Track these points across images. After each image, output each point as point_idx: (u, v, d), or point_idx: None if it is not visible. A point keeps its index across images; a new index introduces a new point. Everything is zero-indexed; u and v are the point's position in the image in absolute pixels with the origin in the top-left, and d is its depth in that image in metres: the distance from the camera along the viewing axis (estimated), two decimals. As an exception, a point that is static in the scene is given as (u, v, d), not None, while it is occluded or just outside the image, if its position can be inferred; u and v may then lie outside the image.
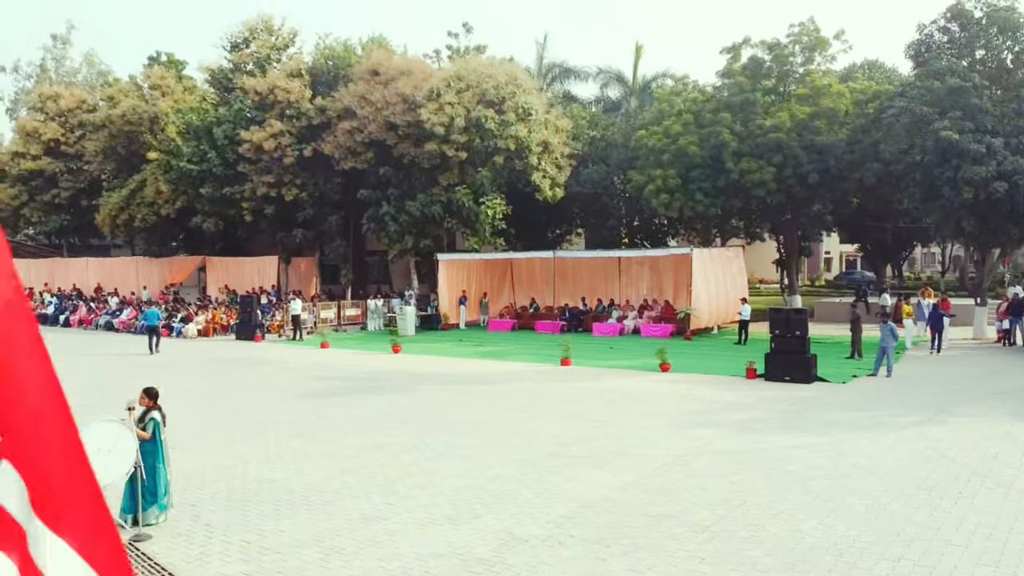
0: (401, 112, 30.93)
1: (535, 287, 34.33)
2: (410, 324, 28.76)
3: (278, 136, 33.55)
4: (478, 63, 32.83)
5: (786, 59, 27.74)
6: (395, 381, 17.60)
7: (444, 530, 7.77)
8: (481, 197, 32.11)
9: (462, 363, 20.85)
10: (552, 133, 32.46)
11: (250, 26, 38.89)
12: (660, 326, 27.09)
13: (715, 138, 26.95)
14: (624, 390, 16.11)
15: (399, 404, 14.82)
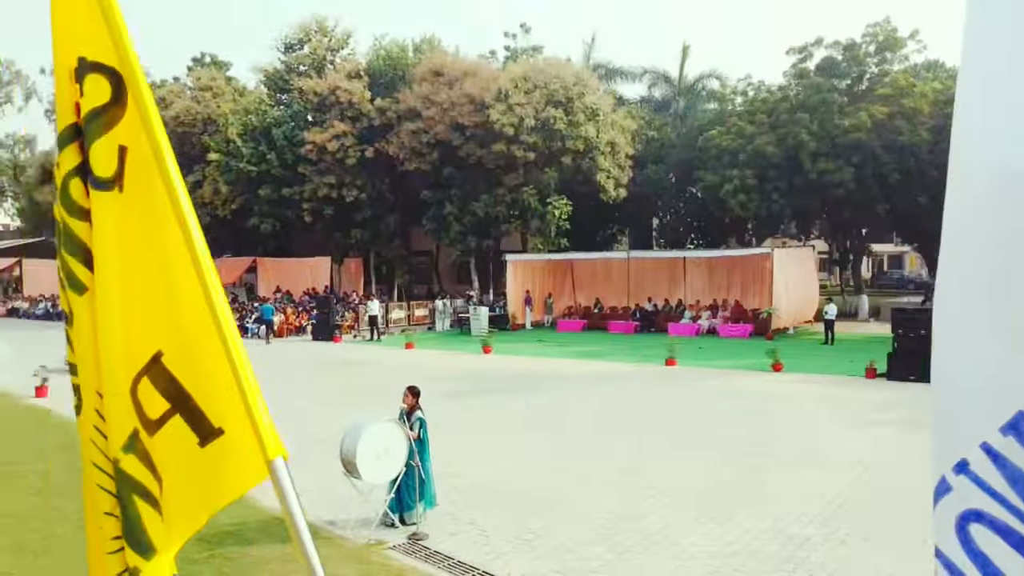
0: (468, 113, 30.99)
1: (596, 287, 34.30)
2: (483, 324, 28.77)
3: (341, 137, 33.60)
4: (544, 63, 32.89)
5: (862, 59, 27.75)
6: (519, 382, 17.62)
7: (713, 528, 7.78)
8: (547, 198, 32.15)
9: (565, 363, 20.85)
10: (619, 133, 32.49)
11: (304, 27, 38.99)
12: (739, 326, 27.10)
13: (792, 138, 26.96)
14: (755, 390, 16.11)
15: (543, 404, 14.83)
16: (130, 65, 1.75)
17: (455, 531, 7.87)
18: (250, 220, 37.22)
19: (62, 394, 16.13)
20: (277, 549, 7.34)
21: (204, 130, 39.90)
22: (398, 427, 7.91)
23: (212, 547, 7.39)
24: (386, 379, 18.50)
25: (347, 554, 7.24)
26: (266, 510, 8.57)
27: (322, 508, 8.67)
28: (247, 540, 7.60)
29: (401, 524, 7.92)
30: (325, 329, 27.37)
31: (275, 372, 19.91)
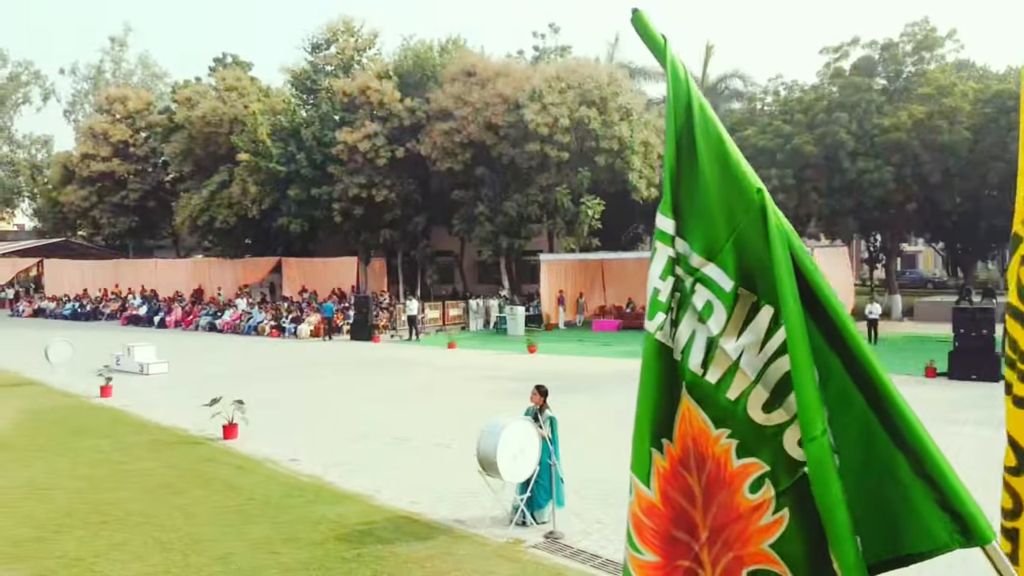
0: (502, 113, 30.98)
1: (626, 287, 34.33)
2: (520, 324, 28.80)
3: (372, 137, 33.59)
4: (576, 63, 32.89)
5: (901, 58, 27.77)
6: (586, 381, 17.64)
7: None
8: (580, 197, 32.16)
9: (620, 363, 20.83)
10: (652, 133, 32.52)
11: (331, 27, 39.01)
12: (778, 325, 27.10)
13: (831, 137, 26.96)
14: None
15: (624, 402, 14.87)
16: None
17: (586, 529, 7.90)
18: (278, 220, 37.20)
19: (124, 393, 16.17)
20: (419, 548, 7.37)
21: (231, 130, 39.88)
22: (533, 427, 7.93)
23: (355, 546, 7.42)
24: (447, 379, 18.58)
25: (492, 553, 7.27)
26: (387, 508, 8.62)
27: (442, 507, 8.71)
28: (385, 539, 7.63)
29: (532, 523, 7.93)
30: (363, 329, 27.38)
31: (339, 372, 19.97)
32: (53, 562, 7.15)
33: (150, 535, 7.82)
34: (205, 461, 10.77)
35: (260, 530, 7.92)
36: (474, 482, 9.54)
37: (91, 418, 14.00)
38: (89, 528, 8.05)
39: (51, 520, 8.32)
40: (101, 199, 46.08)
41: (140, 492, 9.31)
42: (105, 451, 11.41)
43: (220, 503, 8.82)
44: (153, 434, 12.56)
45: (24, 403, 15.54)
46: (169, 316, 33.92)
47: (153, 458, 10.96)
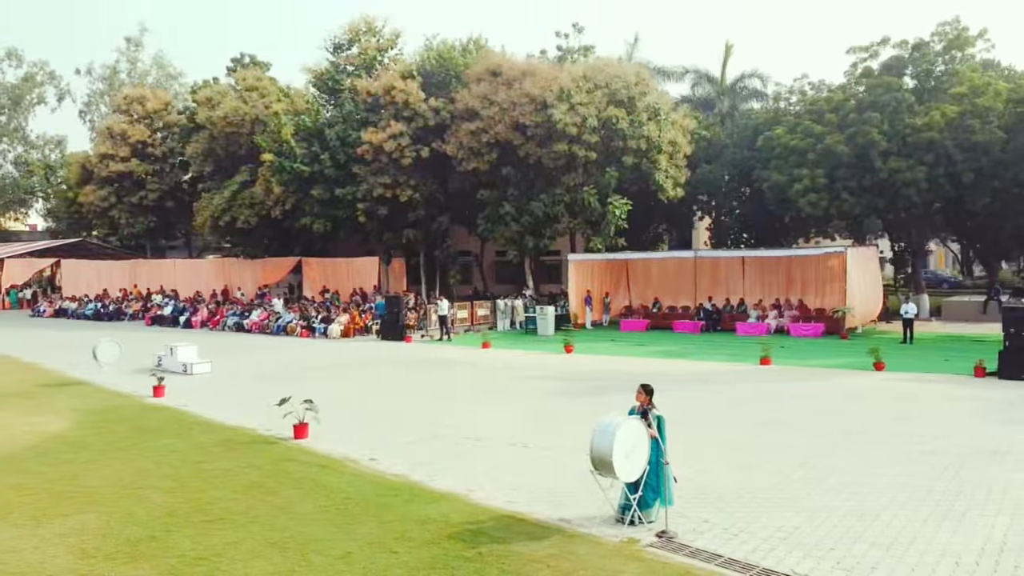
0: (530, 112, 30.97)
1: (651, 286, 34.33)
2: (550, 324, 28.80)
3: (397, 137, 33.58)
4: (602, 63, 32.88)
5: (933, 58, 27.78)
6: (631, 380, 17.57)
7: (955, 527, 7.80)
8: (607, 197, 32.15)
9: (659, 362, 20.86)
10: (679, 133, 32.51)
11: (353, 28, 39.01)
12: (810, 325, 27.09)
13: (863, 137, 26.96)
14: (880, 389, 16.09)
15: (676, 402, 14.85)
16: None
17: (696, 528, 7.89)
18: (300, 220, 37.20)
19: (175, 393, 16.16)
20: (536, 547, 7.36)
21: (252, 130, 39.91)
22: (643, 426, 7.94)
23: (471, 546, 7.42)
24: (494, 378, 18.58)
25: (612, 552, 7.26)
26: (488, 508, 8.62)
27: (540, 505, 8.70)
28: (499, 538, 7.62)
29: (639, 522, 7.92)
30: (394, 329, 27.37)
31: (383, 371, 19.96)
32: (175, 560, 7.15)
33: (261, 535, 7.81)
34: (285, 461, 10.76)
35: (368, 529, 7.91)
36: (565, 481, 9.62)
37: (153, 418, 13.99)
38: (197, 527, 8.05)
39: (155, 519, 8.32)
40: (120, 199, 46.10)
41: (233, 492, 9.30)
42: (180, 451, 11.41)
43: (318, 503, 8.81)
44: (222, 434, 12.56)
45: (79, 403, 15.54)
46: (195, 316, 33.87)
47: (231, 458, 10.96)
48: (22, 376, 19.63)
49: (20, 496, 9.21)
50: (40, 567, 7.08)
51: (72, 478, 9.94)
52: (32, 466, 10.61)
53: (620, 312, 33.60)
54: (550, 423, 13.20)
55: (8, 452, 11.42)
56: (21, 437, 12.37)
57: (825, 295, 30.13)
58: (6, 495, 9.28)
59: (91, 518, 8.37)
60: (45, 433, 12.69)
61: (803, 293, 30.68)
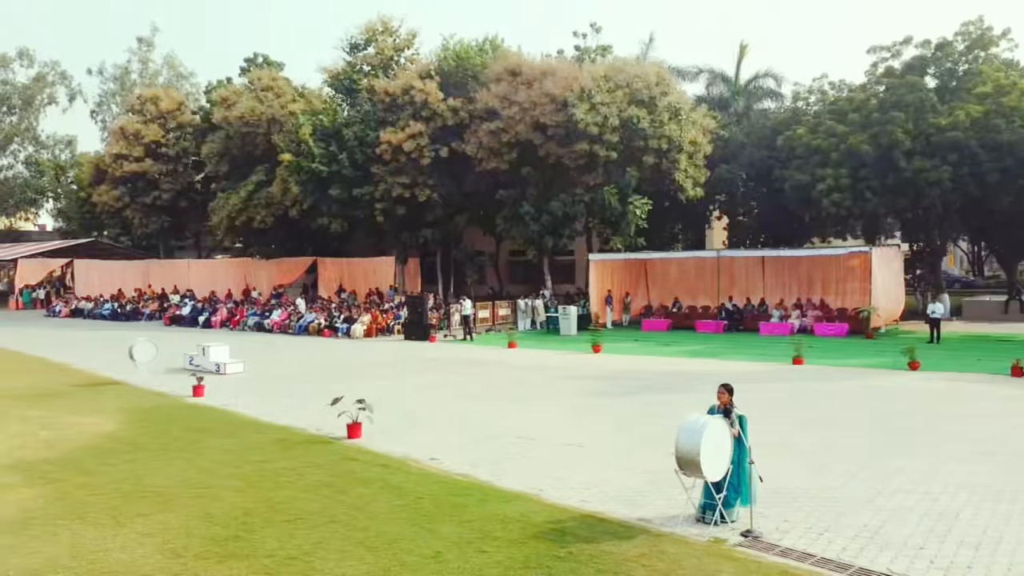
0: (551, 112, 30.95)
1: (670, 286, 34.34)
2: (573, 324, 28.81)
3: (417, 137, 33.57)
4: (624, 63, 32.90)
5: (958, 58, 27.78)
6: (669, 380, 17.66)
7: (1042, 525, 7.81)
8: (627, 197, 32.15)
9: (690, 362, 20.87)
10: (699, 132, 32.52)
11: (369, 28, 38.97)
12: (835, 325, 27.09)
13: (887, 137, 26.96)
14: (920, 389, 16.09)
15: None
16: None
17: (779, 528, 7.88)
18: (318, 220, 37.18)
19: (213, 393, 16.15)
20: (625, 547, 7.36)
21: (268, 130, 39.92)
22: (727, 425, 7.94)
23: (560, 545, 7.42)
24: (530, 378, 18.57)
25: (704, 552, 7.26)
26: (565, 507, 8.61)
27: (614, 504, 8.70)
28: (585, 538, 7.62)
29: (720, 521, 7.91)
30: (418, 329, 27.37)
31: (416, 371, 19.93)
32: (268, 560, 7.14)
33: (345, 534, 7.81)
34: (346, 460, 10.76)
35: (450, 529, 7.91)
36: (631, 480, 9.63)
37: (200, 418, 13.98)
38: (278, 527, 8.05)
39: (233, 519, 8.31)
40: (133, 199, 46.11)
41: (303, 491, 9.29)
42: (238, 451, 11.40)
43: (391, 502, 8.81)
44: (274, 434, 12.55)
45: (121, 403, 15.54)
46: (214, 316, 33.87)
47: (291, 457, 10.95)
48: (55, 376, 19.62)
49: (91, 496, 9.21)
50: (132, 566, 7.08)
51: (138, 478, 9.94)
52: (93, 466, 10.60)
53: (639, 312, 33.62)
54: (599, 423, 13.20)
55: (65, 452, 11.42)
56: (74, 437, 12.37)
57: (846, 295, 30.15)
58: (76, 494, 9.28)
59: (170, 518, 8.37)
60: (97, 433, 12.69)
61: (823, 293, 30.69)
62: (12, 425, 13.36)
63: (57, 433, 12.71)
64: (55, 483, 9.77)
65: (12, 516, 8.50)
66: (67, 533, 7.95)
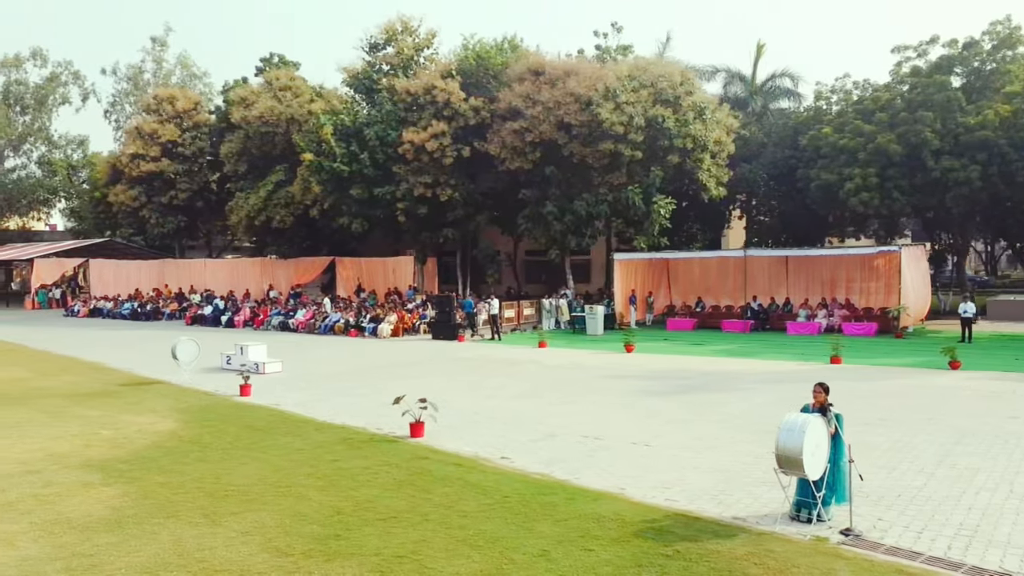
0: (575, 112, 30.95)
1: (692, 286, 34.35)
2: (599, 324, 28.82)
3: (439, 136, 33.58)
4: (648, 62, 32.90)
5: (985, 57, 27.80)
6: (710, 380, 17.67)
7: None
8: (651, 197, 32.16)
9: (725, 361, 20.89)
10: (724, 132, 32.53)
11: (389, 27, 38.98)
12: (864, 325, 27.08)
13: (915, 136, 26.97)
14: (962, 389, 16.10)
15: (770, 403, 14.87)
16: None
17: (876, 526, 7.88)
18: (338, 219, 37.19)
19: (260, 393, 16.17)
20: (730, 545, 7.37)
21: (287, 129, 39.96)
22: (825, 424, 7.94)
23: (664, 544, 7.43)
24: (571, 378, 18.55)
25: (810, 550, 7.26)
26: (655, 506, 8.62)
27: (701, 503, 8.71)
28: (686, 537, 7.63)
29: (815, 520, 7.92)
30: (446, 328, 27.38)
31: (455, 371, 19.93)
32: (376, 559, 7.15)
33: (444, 533, 7.81)
34: (418, 459, 10.76)
35: (547, 528, 7.92)
36: (711, 478, 9.64)
37: (255, 417, 13.98)
38: (374, 525, 8.05)
39: (326, 518, 8.32)
40: (150, 199, 46.13)
41: (385, 490, 9.30)
42: (306, 449, 11.41)
43: (479, 501, 8.81)
44: (336, 433, 12.55)
45: (171, 402, 15.55)
46: (237, 316, 33.87)
47: (362, 456, 10.95)
48: (95, 376, 19.63)
49: (175, 495, 9.22)
50: (243, 565, 7.09)
51: (216, 477, 9.94)
52: (167, 465, 10.61)
53: (662, 311, 33.63)
54: (656, 422, 13.19)
55: (134, 451, 11.43)
56: (137, 436, 12.38)
57: (870, 294, 30.18)
58: (160, 493, 9.29)
59: (263, 516, 8.38)
60: (158, 432, 12.70)
61: (847, 292, 30.69)
62: (72, 425, 13.37)
63: (118, 432, 12.72)
64: (134, 482, 9.78)
65: (104, 515, 8.51)
66: (165, 532, 7.96)
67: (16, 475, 10.13)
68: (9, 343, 27.99)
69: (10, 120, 56.16)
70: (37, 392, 16.94)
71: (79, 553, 7.40)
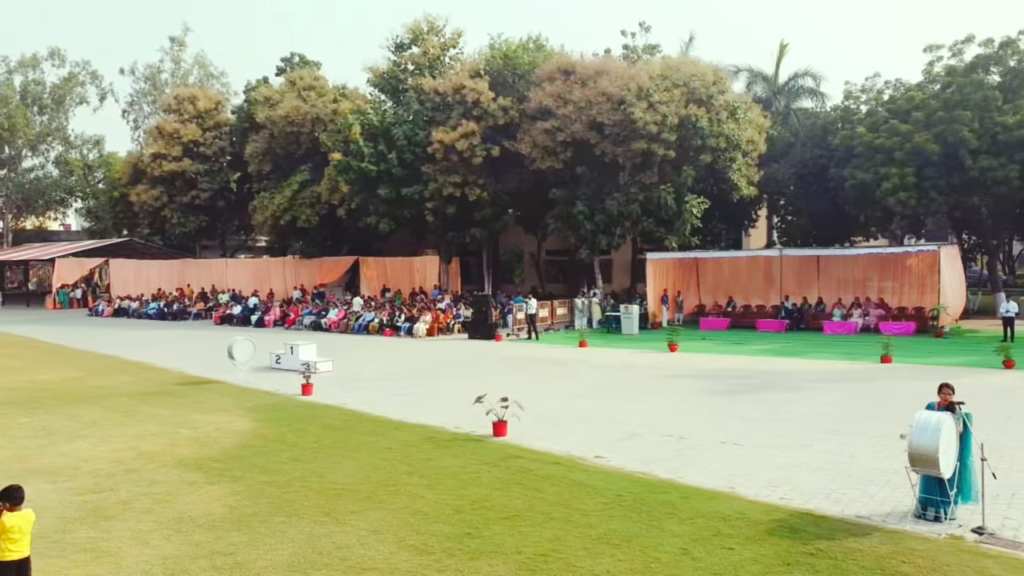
0: (608, 111, 30.95)
1: (722, 285, 34.33)
2: (635, 323, 28.82)
3: (469, 136, 33.58)
4: (680, 62, 32.89)
5: (1023, 56, 27.81)
6: (767, 379, 17.66)
7: None
8: (683, 196, 32.16)
9: (772, 361, 20.87)
10: (756, 131, 32.54)
11: (415, 27, 38.96)
12: (901, 324, 27.06)
13: (952, 136, 26.96)
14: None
15: (839, 401, 14.87)
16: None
17: (1006, 525, 7.87)
18: (365, 219, 37.19)
19: (320, 391, 16.16)
20: (868, 543, 7.36)
21: (312, 129, 39.97)
22: (954, 422, 7.94)
23: (802, 542, 7.42)
24: (626, 377, 18.55)
25: (951, 549, 7.25)
26: (777, 505, 8.61)
27: (821, 502, 8.69)
28: (820, 535, 7.61)
29: (945, 518, 7.92)
30: (483, 328, 27.37)
31: (504, 370, 19.90)
32: (519, 557, 7.15)
33: (575, 531, 7.81)
34: (511, 458, 10.75)
35: (676, 527, 7.91)
36: (816, 477, 9.64)
37: (328, 416, 13.98)
38: (502, 524, 8.04)
39: (448, 517, 8.31)
40: (172, 199, 46.14)
41: (494, 489, 9.28)
42: (396, 448, 11.39)
43: (594, 500, 8.80)
44: (418, 432, 12.54)
45: (236, 401, 15.54)
46: (267, 315, 33.87)
47: (456, 455, 10.95)
48: (147, 375, 19.62)
49: (285, 493, 9.21)
50: (388, 563, 7.08)
51: (319, 476, 9.93)
52: (263, 463, 10.60)
53: (692, 311, 33.62)
54: (732, 421, 13.15)
55: (224, 450, 11.42)
56: (220, 436, 12.37)
57: (902, 294, 30.17)
58: (269, 491, 9.28)
59: (383, 515, 8.37)
60: (239, 431, 12.70)
61: (879, 292, 30.66)
62: (148, 423, 13.37)
63: (198, 431, 12.72)
64: (238, 481, 9.77)
65: (223, 513, 8.51)
66: (293, 530, 7.95)
67: (118, 474, 10.13)
68: (46, 342, 27.99)
69: (28, 120, 56.14)
70: (97, 392, 16.93)
71: (217, 551, 7.40)
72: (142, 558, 7.27)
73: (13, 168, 57.77)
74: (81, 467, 10.52)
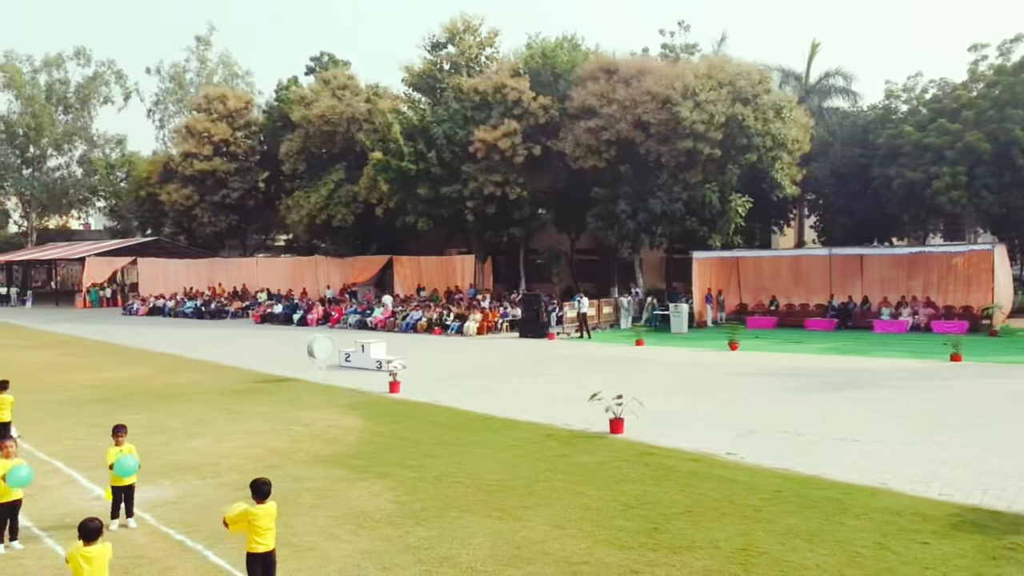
0: (653, 110, 30.99)
1: (762, 284, 34.37)
2: (684, 322, 28.86)
3: (511, 135, 33.61)
4: (724, 61, 32.93)
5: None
6: (848, 377, 17.72)
7: None
8: (729, 195, 32.22)
9: (840, 360, 20.90)
10: (801, 130, 32.59)
11: (452, 27, 39.00)
12: (954, 323, 27.09)
13: (1004, 135, 27.02)
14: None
15: (935, 399, 14.91)
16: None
17: None
18: (405, 218, 37.22)
19: (407, 389, 16.17)
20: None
21: (348, 128, 40.03)
22: None
23: (995, 538, 7.45)
24: (701, 375, 18.58)
25: None
26: (937, 501, 8.64)
27: (984, 497, 8.71)
28: (1008, 530, 7.65)
29: None
30: (535, 327, 27.42)
31: (571, 369, 19.91)
32: (720, 551, 7.19)
33: (758, 528, 7.84)
34: (646, 455, 10.79)
35: (854, 522, 7.94)
36: (958, 473, 9.70)
37: (432, 413, 14.01)
38: (680, 519, 8.08)
39: (620, 512, 8.36)
40: (202, 198, 46.19)
41: (650, 486, 9.32)
42: (522, 446, 11.43)
43: (755, 496, 8.84)
44: (532, 429, 12.57)
45: (328, 399, 15.57)
46: (310, 314, 33.92)
47: (584, 452, 10.98)
48: (219, 373, 19.67)
49: (441, 490, 9.26)
50: (590, 556, 7.12)
51: (465, 472, 9.97)
52: (399, 459, 10.64)
53: (734, 309, 33.66)
54: (840, 418, 13.14)
55: (350, 446, 11.47)
56: (338, 433, 12.41)
57: (948, 292, 30.20)
58: (423, 488, 9.31)
59: (554, 511, 8.41)
60: (352, 428, 12.74)
61: (924, 291, 30.70)
62: (254, 421, 13.42)
63: (310, 428, 12.76)
64: (385, 477, 9.81)
65: (393, 509, 8.55)
66: (474, 525, 7.99)
67: (260, 470, 10.12)
68: (95, 340, 28.06)
69: (53, 119, 56.21)
70: (181, 389, 16.98)
71: (412, 546, 7.44)
72: (343, 552, 7.31)
73: (38, 167, 57.82)
74: (220, 463, 10.57)
